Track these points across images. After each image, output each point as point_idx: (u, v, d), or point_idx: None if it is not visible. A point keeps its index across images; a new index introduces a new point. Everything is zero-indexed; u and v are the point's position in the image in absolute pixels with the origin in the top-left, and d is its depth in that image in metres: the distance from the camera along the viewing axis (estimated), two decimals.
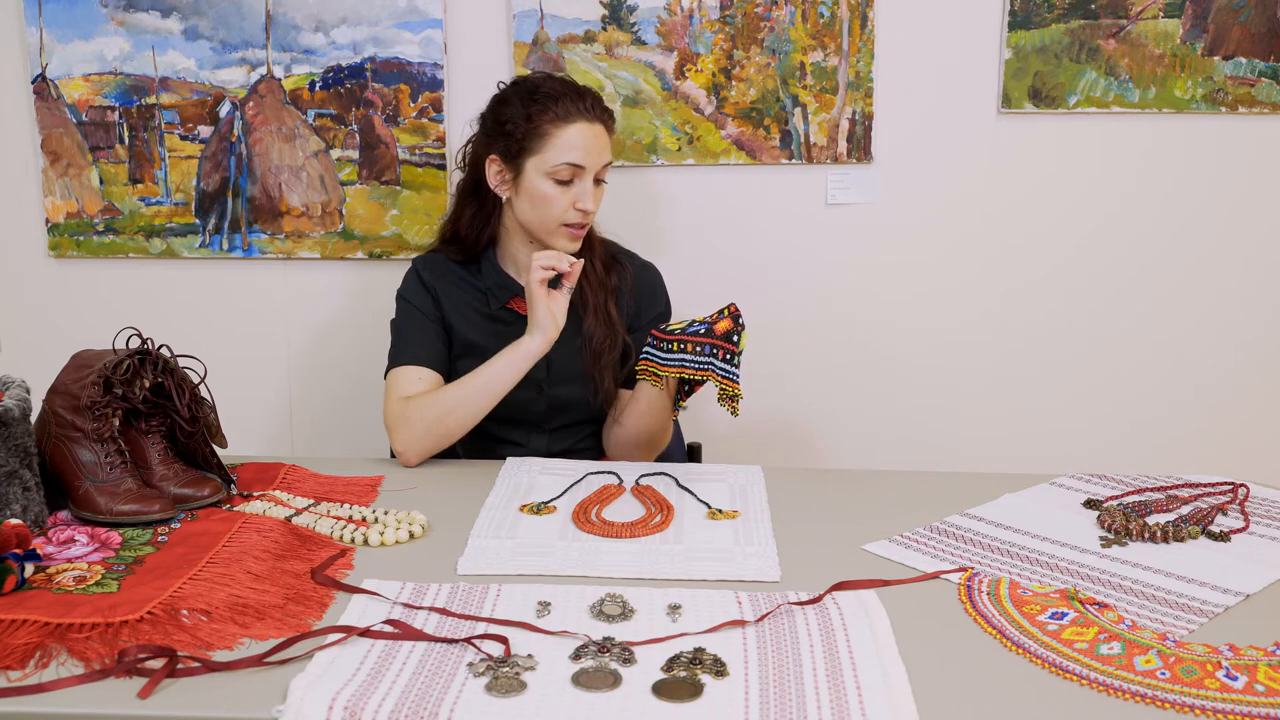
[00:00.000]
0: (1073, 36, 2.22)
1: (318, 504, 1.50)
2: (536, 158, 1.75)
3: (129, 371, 1.45)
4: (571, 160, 1.74)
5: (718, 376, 1.56)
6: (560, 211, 1.76)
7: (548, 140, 1.74)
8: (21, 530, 1.21)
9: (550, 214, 1.76)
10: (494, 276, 1.86)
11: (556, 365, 1.82)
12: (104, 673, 1.04)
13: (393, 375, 1.80)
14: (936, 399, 2.41)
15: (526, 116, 1.75)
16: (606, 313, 1.83)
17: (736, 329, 1.56)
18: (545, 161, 1.75)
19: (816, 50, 2.24)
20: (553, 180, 1.75)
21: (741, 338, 1.56)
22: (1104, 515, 1.45)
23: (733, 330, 1.56)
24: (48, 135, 2.31)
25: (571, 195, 1.75)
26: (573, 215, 1.76)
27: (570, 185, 1.75)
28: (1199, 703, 1.00)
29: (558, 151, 1.74)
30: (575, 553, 1.35)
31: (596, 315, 1.83)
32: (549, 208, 1.76)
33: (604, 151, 1.78)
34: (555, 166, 1.74)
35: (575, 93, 1.77)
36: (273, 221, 2.34)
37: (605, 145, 1.79)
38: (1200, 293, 2.36)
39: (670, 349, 1.59)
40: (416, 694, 1.00)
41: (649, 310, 1.89)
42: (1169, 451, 2.40)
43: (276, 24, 2.26)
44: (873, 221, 2.33)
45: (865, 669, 1.05)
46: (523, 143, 1.76)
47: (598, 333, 1.82)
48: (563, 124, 1.74)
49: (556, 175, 1.75)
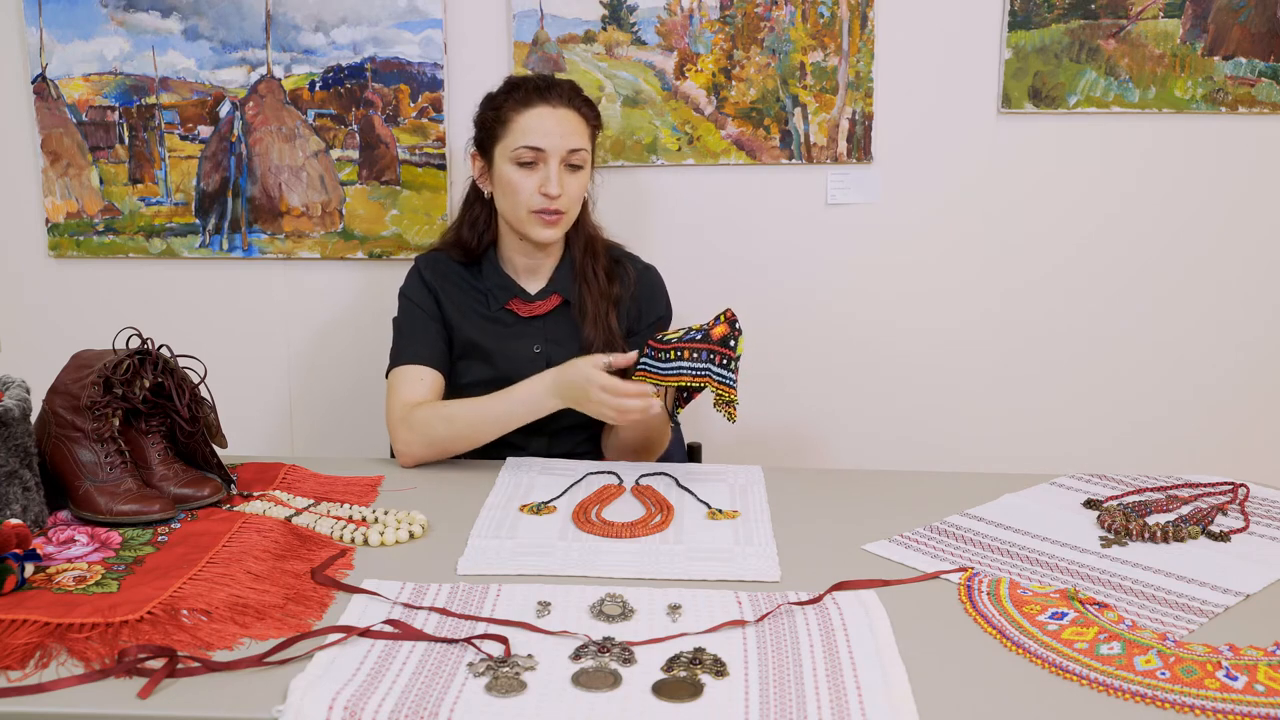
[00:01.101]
0: (1073, 36, 2.22)
1: (318, 504, 1.50)
2: (501, 144, 1.79)
3: (129, 371, 1.45)
4: (529, 143, 1.76)
5: (714, 382, 1.55)
6: (526, 197, 1.77)
7: (509, 125, 1.78)
8: (21, 530, 1.21)
9: (518, 200, 1.78)
10: (494, 277, 1.86)
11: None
12: (104, 673, 1.04)
13: (395, 374, 1.80)
14: (936, 399, 2.41)
15: (493, 107, 1.81)
16: (606, 322, 1.83)
17: (733, 334, 1.56)
18: (507, 147, 1.78)
19: (816, 50, 2.24)
20: (515, 164, 1.77)
21: (739, 342, 1.56)
22: (1104, 515, 1.45)
23: (729, 335, 1.56)
24: (48, 135, 2.31)
25: (536, 179, 1.77)
26: (537, 200, 1.77)
27: (534, 169, 1.77)
28: (1199, 703, 1.00)
29: (517, 135, 1.77)
30: (575, 553, 1.35)
31: (596, 324, 1.83)
32: (515, 194, 1.78)
33: (569, 136, 1.78)
34: (516, 150, 1.77)
35: (545, 82, 1.81)
36: (273, 221, 2.34)
37: (572, 130, 1.79)
38: (1200, 293, 2.36)
39: (667, 358, 1.59)
40: (416, 694, 1.00)
41: (649, 313, 1.89)
42: (1169, 451, 2.40)
43: (276, 24, 2.26)
44: (873, 221, 2.33)
45: (865, 669, 1.05)
46: (490, 131, 1.81)
47: (596, 342, 1.82)
48: (522, 109, 1.78)
49: (518, 159, 1.77)
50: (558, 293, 1.85)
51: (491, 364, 1.84)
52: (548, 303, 1.85)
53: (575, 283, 1.86)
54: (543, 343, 1.84)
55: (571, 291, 1.85)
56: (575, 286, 1.85)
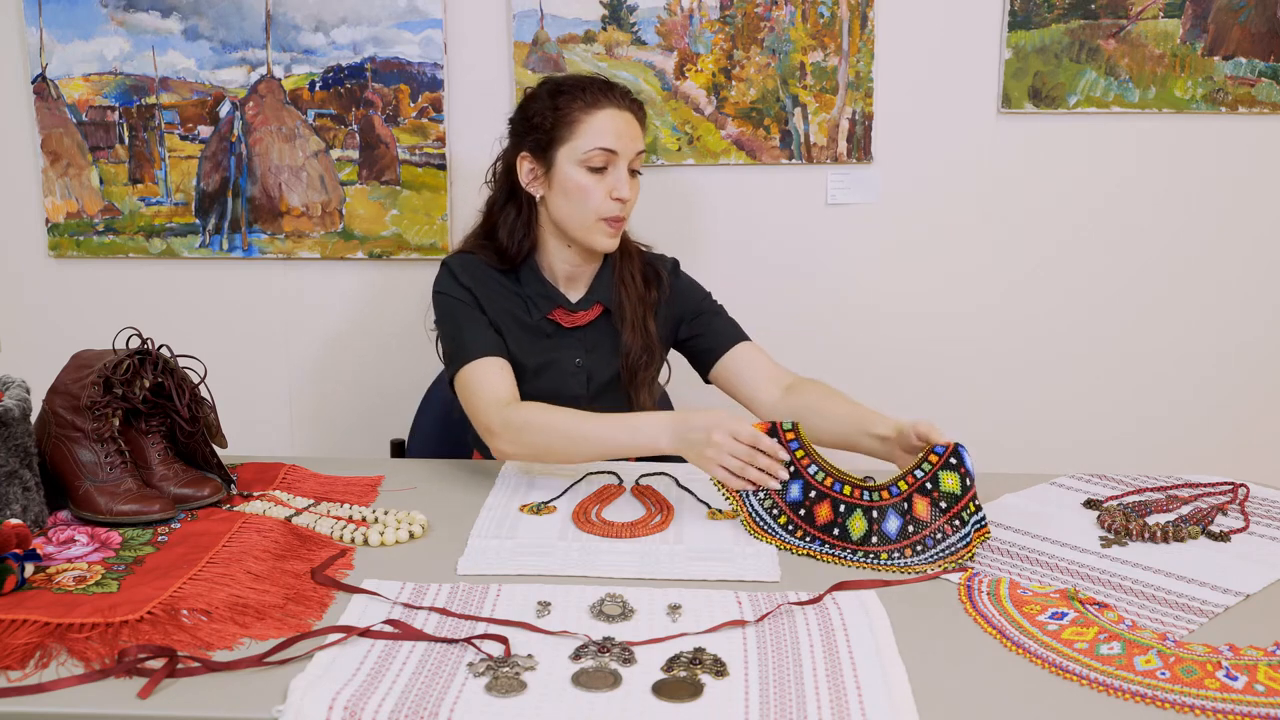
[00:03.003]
0: (1073, 36, 2.22)
1: (318, 504, 1.50)
2: (567, 146, 1.69)
3: (129, 371, 1.45)
4: (604, 145, 1.68)
5: (745, 509, 1.44)
6: (597, 202, 1.69)
7: (578, 127, 1.68)
8: (21, 530, 1.21)
9: (586, 205, 1.69)
10: (535, 285, 1.76)
11: (596, 379, 1.80)
12: (104, 673, 1.04)
13: (469, 372, 1.65)
14: (936, 399, 2.41)
15: (554, 107, 1.70)
16: (645, 328, 1.78)
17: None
18: (577, 149, 1.69)
19: (816, 50, 2.24)
20: (586, 168, 1.69)
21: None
22: (1104, 515, 1.45)
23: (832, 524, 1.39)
24: (48, 135, 2.31)
25: (607, 184, 1.69)
26: (609, 206, 1.70)
27: (604, 173, 1.69)
28: (1199, 703, 1.00)
29: (589, 137, 1.68)
30: (575, 553, 1.35)
31: (634, 331, 1.77)
32: (585, 199, 1.69)
33: (636, 139, 1.72)
34: (588, 153, 1.68)
35: (604, 83, 1.73)
36: (273, 221, 2.34)
37: (637, 134, 1.73)
38: (1199, 293, 2.36)
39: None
40: (416, 694, 1.00)
41: (692, 299, 1.85)
42: (1169, 451, 2.40)
43: (276, 24, 2.26)
44: (873, 221, 2.33)
45: (865, 669, 1.05)
46: (552, 133, 1.69)
47: (635, 348, 1.77)
48: (592, 109, 1.69)
49: (589, 162, 1.68)
50: (599, 301, 1.79)
51: (532, 376, 1.74)
52: (590, 312, 1.79)
53: (615, 289, 1.79)
54: (583, 354, 1.78)
55: (611, 299, 1.79)
56: (615, 293, 1.79)
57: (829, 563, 1.34)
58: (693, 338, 1.85)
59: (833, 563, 1.34)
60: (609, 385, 1.80)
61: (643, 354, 1.78)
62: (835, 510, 1.38)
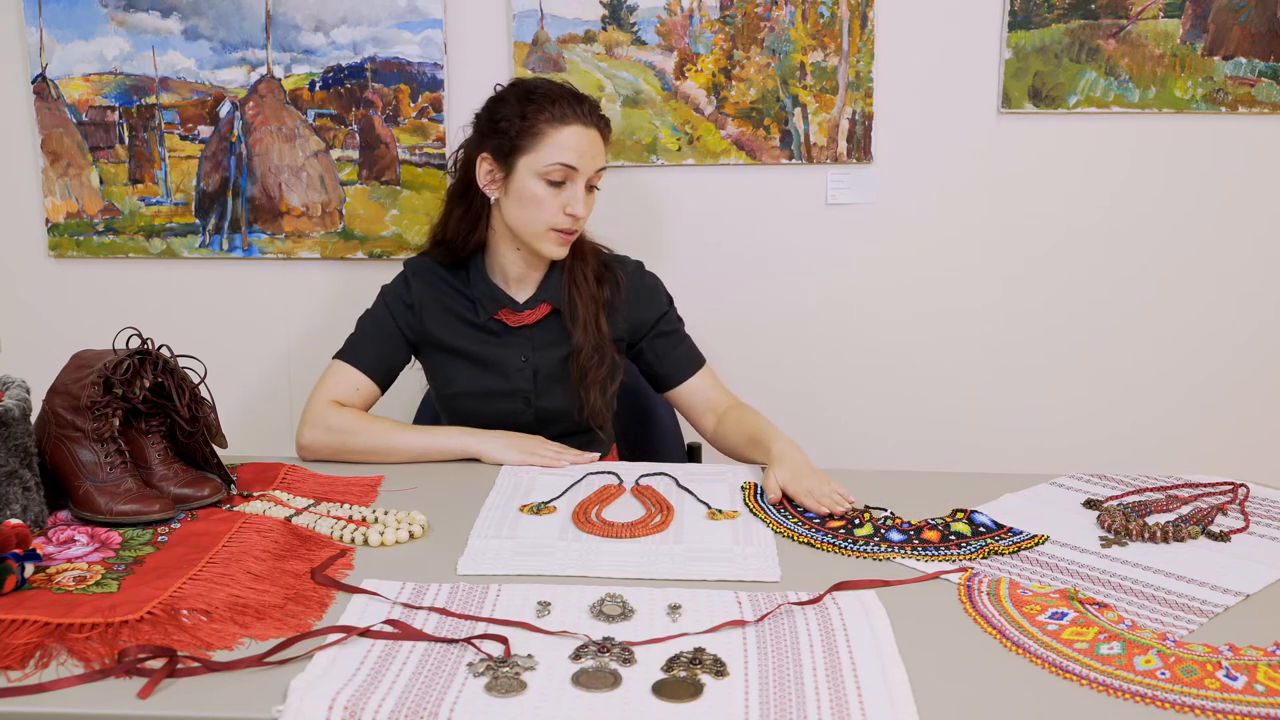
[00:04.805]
0: (1073, 36, 2.22)
1: (318, 504, 1.50)
2: (529, 156, 1.73)
3: (129, 371, 1.45)
4: (565, 161, 1.72)
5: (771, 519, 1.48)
6: (550, 215, 1.74)
7: (542, 139, 1.72)
8: (21, 530, 1.21)
9: (539, 216, 1.74)
10: (482, 286, 1.83)
11: (543, 377, 1.82)
12: (104, 673, 1.04)
13: (336, 365, 1.82)
14: (936, 399, 2.41)
15: (522, 115, 1.73)
16: (596, 326, 1.81)
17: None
18: (538, 161, 1.72)
19: (816, 50, 2.24)
20: (544, 181, 1.73)
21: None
22: (1104, 515, 1.45)
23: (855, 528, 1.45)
24: (48, 135, 2.31)
25: (562, 199, 1.74)
26: (562, 220, 1.74)
27: (562, 187, 1.73)
28: (1199, 703, 1.00)
29: (552, 151, 1.72)
30: (575, 553, 1.35)
31: (585, 329, 1.80)
32: (539, 210, 1.74)
33: (598, 157, 1.76)
34: (548, 167, 1.72)
35: (574, 96, 1.76)
36: (273, 221, 2.34)
37: (600, 151, 1.77)
38: (1199, 293, 2.36)
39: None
40: (416, 694, 1.00)
41: (652, 310, 1.87)
42: (1169, 451, 2.40)
43: (276, 24, 2.26)
44: (873, 221, 2.33)
45: (865, 669, 1.05)
46: (516, 141, 1.73)
47: (585, 347, 1.80)
48: (559, 124, 1.72)
49: (549, 176, 1.72)
50: (546, 301, 1.83)
51: (479, 373, 1.83)
52: (536, 312, 1.83)
53: (565, 287, 1.82)
54: (529, 351, 1.83)
55: (561, 298, 1.82)
56: (565, 291, 1.82)
57: (829, 552, 1.37)
58: (650, 358, 1.88)
59: (832, 552, 1.37)
60: (556, 380, 1.83)
61: (594, 353, 1.80)
62: (845, 520, 1.46)
